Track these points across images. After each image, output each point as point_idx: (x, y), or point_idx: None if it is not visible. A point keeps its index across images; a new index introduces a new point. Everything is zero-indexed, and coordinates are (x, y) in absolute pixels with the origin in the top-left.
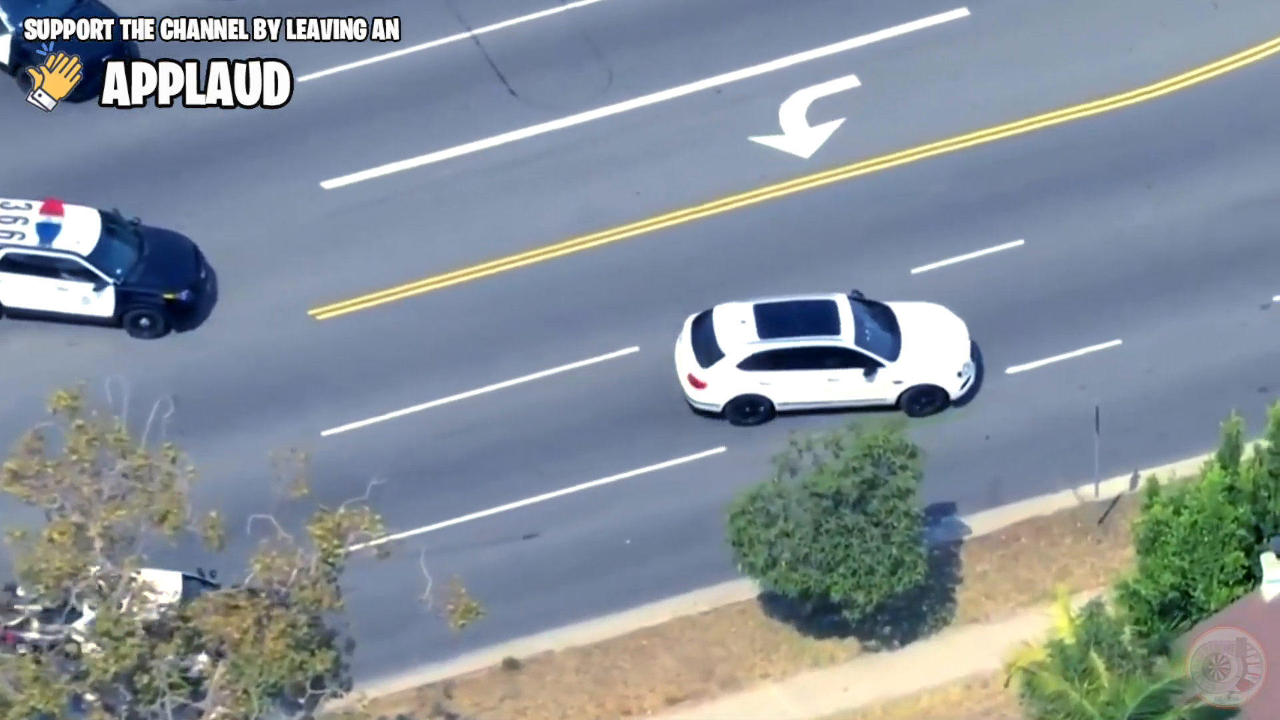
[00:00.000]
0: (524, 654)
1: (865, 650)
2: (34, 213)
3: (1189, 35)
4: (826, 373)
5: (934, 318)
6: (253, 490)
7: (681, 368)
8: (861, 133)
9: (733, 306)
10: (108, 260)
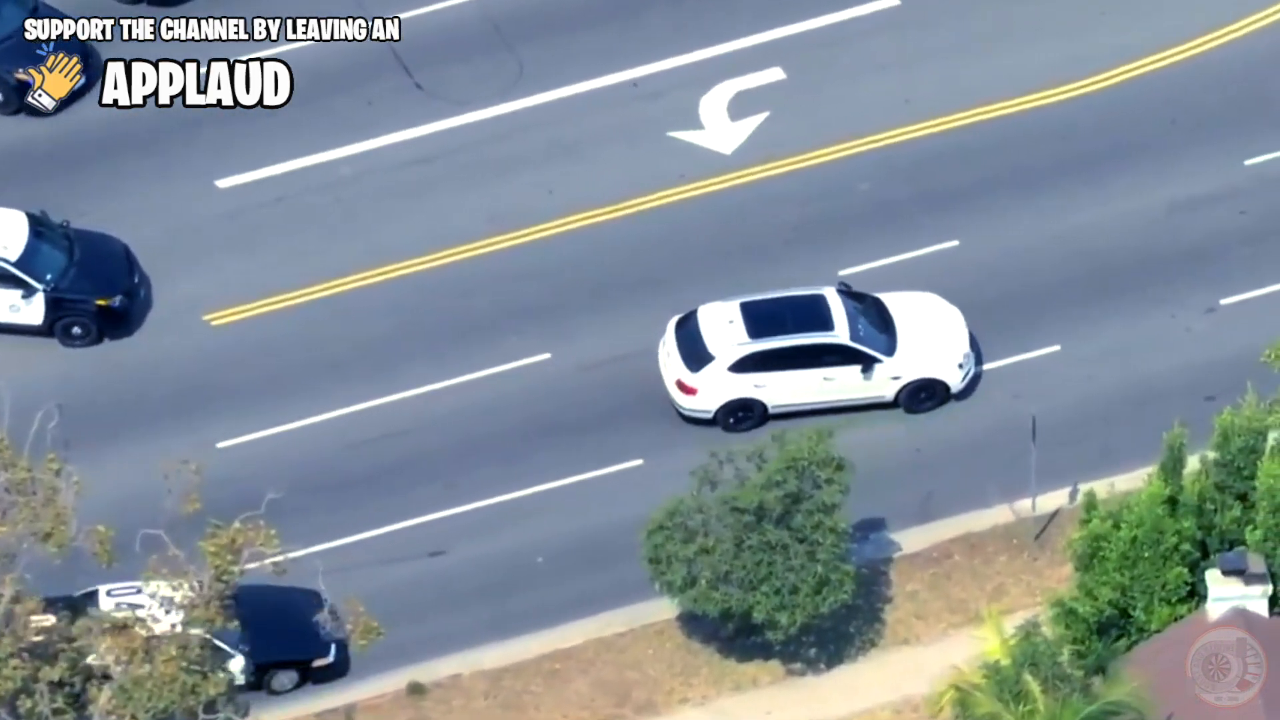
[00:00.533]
0: (430, 678)
1: (789, 674)
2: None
3: (1130, 26)
4: (822, 371)
5: (928, 307)
6: (143, 505)
7: (668, 374)
8: (787, 128)
9: (718, 305)
10: (36, 266)
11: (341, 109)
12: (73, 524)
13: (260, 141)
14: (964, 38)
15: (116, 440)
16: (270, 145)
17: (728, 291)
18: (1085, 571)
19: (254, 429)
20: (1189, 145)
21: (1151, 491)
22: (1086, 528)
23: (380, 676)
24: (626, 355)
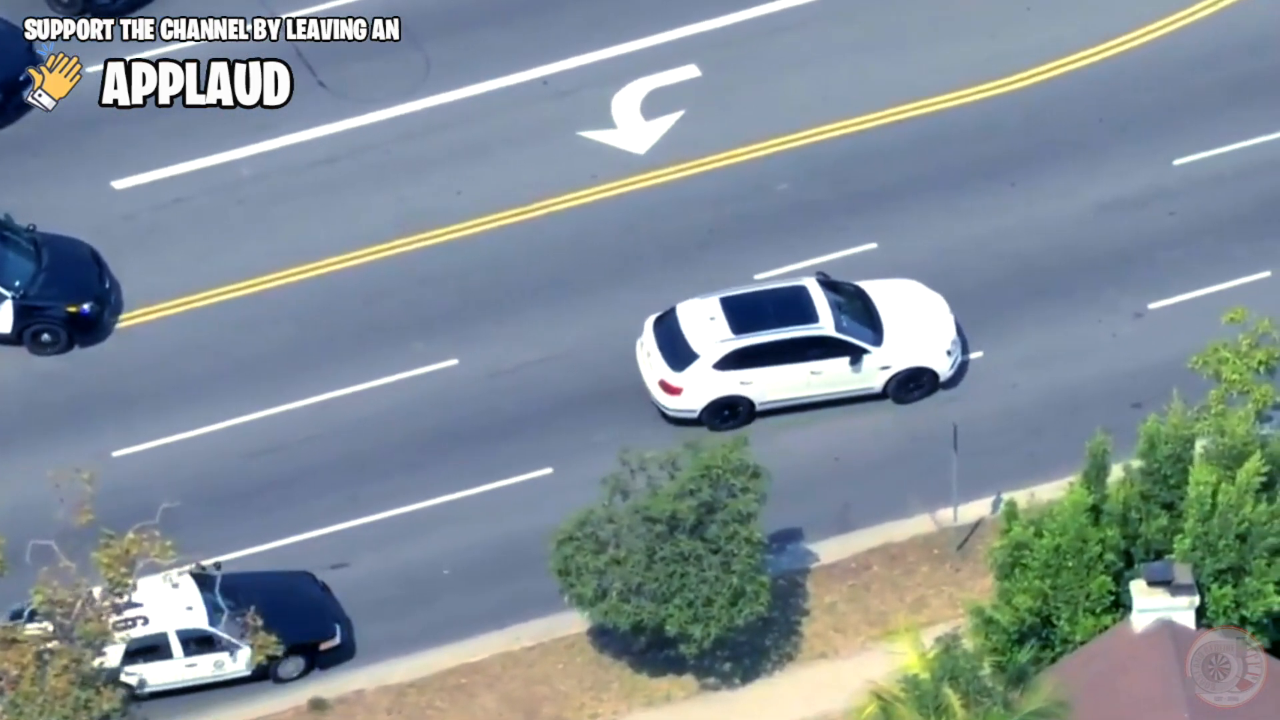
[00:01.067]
0: (332, 693)
1: (704, 688)
2: None
3: (1055, 23)
4: (809, 365)
5: (911, 295)
6: (34, 515)
7: (649, 374)
8: (702, 127)
9: (697, 302)
10: (4, 273)
11: (242, 107)
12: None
13: (158, 141)
14: (884, 34)
15: (8, 449)
16: (168, 145)
17: (641, 295)
18: (1006, 580)
19: (152, 437)
20: (1116, 145)
21: (1074, 499)
22: (1007, 536)
23: (282, 692)
24: (537, 361)
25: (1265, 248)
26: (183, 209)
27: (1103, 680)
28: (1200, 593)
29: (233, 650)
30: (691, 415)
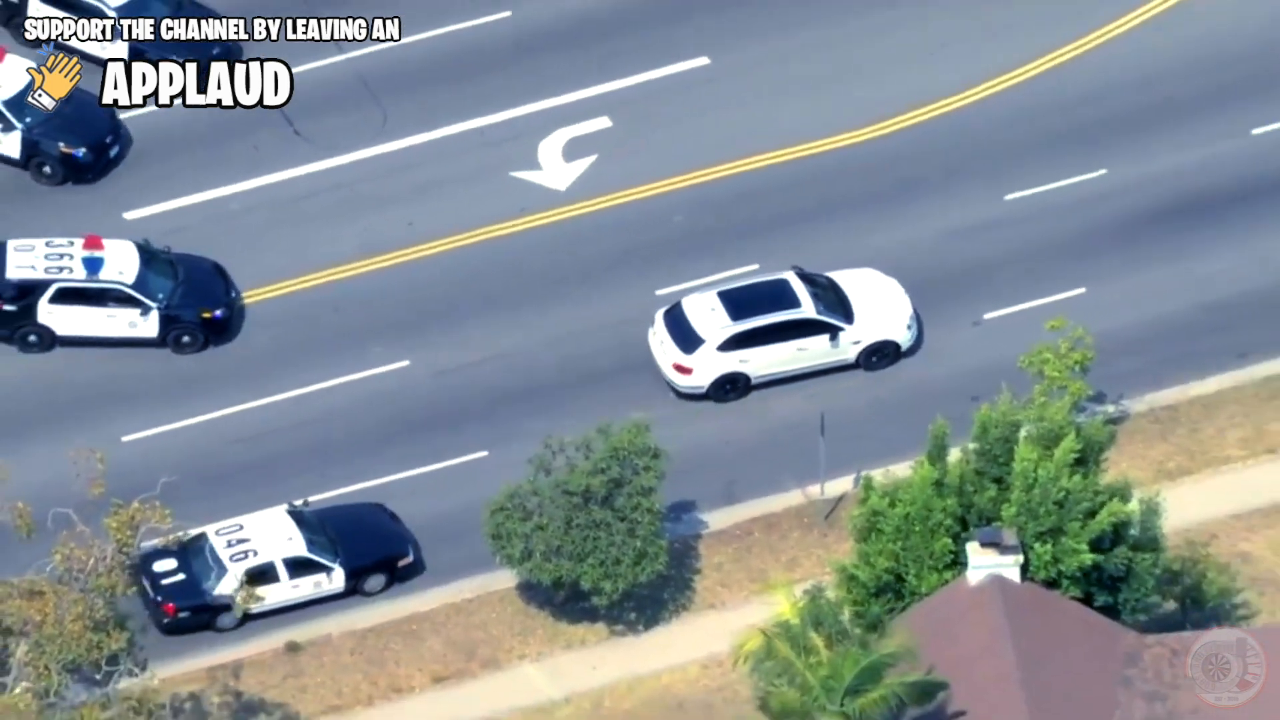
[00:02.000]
0: (305, 637)
1: (613, 634)
2: (77, 248)
3: (917, 76)
4: (795, 343)
5: (871, 280)
6: (54, 491)
7: (664, 358)
8: (612, 168)
9: (698, 296)
10: (150, 287)
11: (232, 152)
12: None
13: (162, 179)
14: (764, 91)
15: (34, 435)
16: (171, 183)
17: (565, 308)
18: (864, 543)
19: (154, 425)
20: (959, 182)
21: (922, 475)
22: (865, 505)
23: (262, 637)
24: (477, 362)
25: (1082, 269)
26: (184, 236)
27: (944, 626)
28: (1024, 551)
29: (328, 571)
30: (700, 391)
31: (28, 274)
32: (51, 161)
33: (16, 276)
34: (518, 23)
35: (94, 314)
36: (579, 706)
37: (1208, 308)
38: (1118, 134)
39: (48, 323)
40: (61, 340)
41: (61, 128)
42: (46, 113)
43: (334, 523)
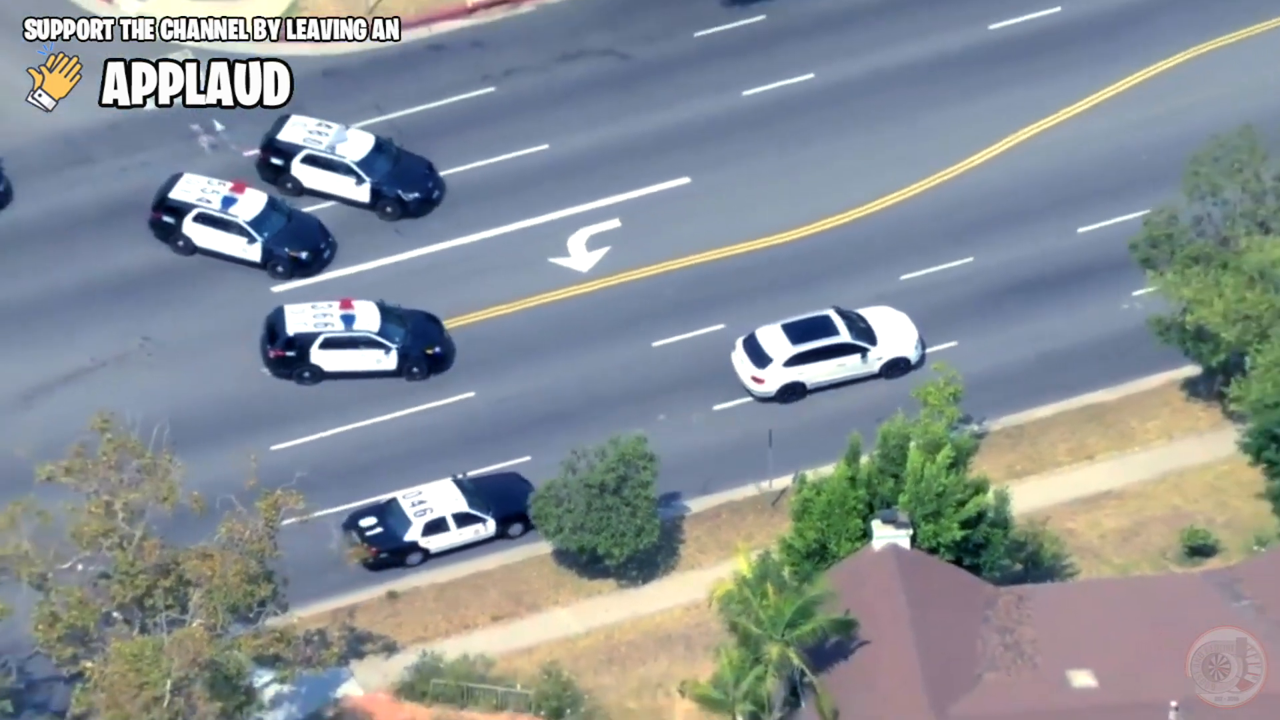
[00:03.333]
0: (401, 589)
1: (620, 586)
2: (335, 308)
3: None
4: (836, 360)
5: (888, 314)
6: (220, 484)
7: (743, 372)
8: (621, 256)
9: (767, 328)
10: (388, 333)
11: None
12: (178, 492)
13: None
14: (735, 202)
15: (204, 441)
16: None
17: (588, 355)
18: (799, 521)
19: (294, 438)
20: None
21: (840, 473)
22: (800, 495)
23: (369, 588)
24: (522, 394)
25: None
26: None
27: (856, 580)
28: (913, 528)
29: (484, 522)
30: (770, 395)
31: (302, 329)
32: (284, 263)
33: (294, 331)
34: (553, 153)
35: (351, 355)
36: (595, 638)
37: (1044, 356)
38: (982, 232)
39: (318, 363)
40: (327, 376)
41: (289, 239)
42: (279, 227)
43: (485, 487)
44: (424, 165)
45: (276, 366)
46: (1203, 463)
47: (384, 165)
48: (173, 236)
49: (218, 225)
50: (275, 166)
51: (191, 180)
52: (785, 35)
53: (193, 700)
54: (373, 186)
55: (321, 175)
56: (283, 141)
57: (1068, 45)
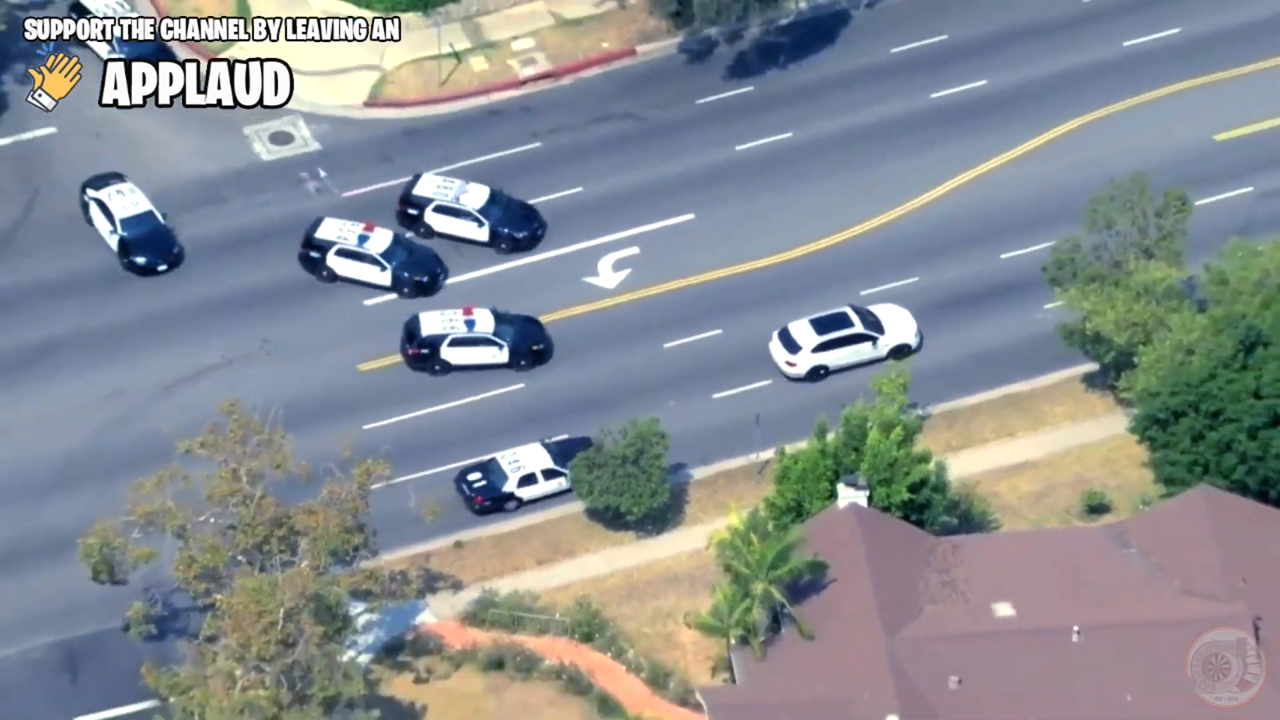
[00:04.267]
0: (466, 538)
1: (639, 537)
2: (459, 315)
3: (804, 228)
4: (853, 347)
5: (893, 309)
6: (323, 454)
7: (779, 358)
8: (641, 276)
9: (797, 323)
10: (502, 334)
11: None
12: (290, 461)
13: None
14: (728, 231)
15: (309, 422)
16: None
17: (615, 357)
18: (779, 484)
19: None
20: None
21: (813, 446)
22: (781, 464)
23: (440, 538)
24: (565, 385)
25: None
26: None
27: (825, 532)
28: (870, 490)
29: (566, 475)
30: (800, 376)
31: (433, 331)
32: (409, 285)
33: (427, 333)
34: (586, 194)
35: (472, 351)
36: (619, 578)
37: (974, 355)
38: (925, 257)
39: (447, 359)
40: (454, 369)
41: (412, 267)
42: (404, 258)
43: (565, 448)
44: (530, 209)
45: (414, 362)
46: (1099, 439)
47: (498, 211)
48: (318, 268)
49: (355, 258)
50: (411, 215)
51: (331, 222)
52: (769, 102)
53: (301, 625)
54: (491, 228)
55: (449, 221)
56: (416, 195)
57: (992, 111)
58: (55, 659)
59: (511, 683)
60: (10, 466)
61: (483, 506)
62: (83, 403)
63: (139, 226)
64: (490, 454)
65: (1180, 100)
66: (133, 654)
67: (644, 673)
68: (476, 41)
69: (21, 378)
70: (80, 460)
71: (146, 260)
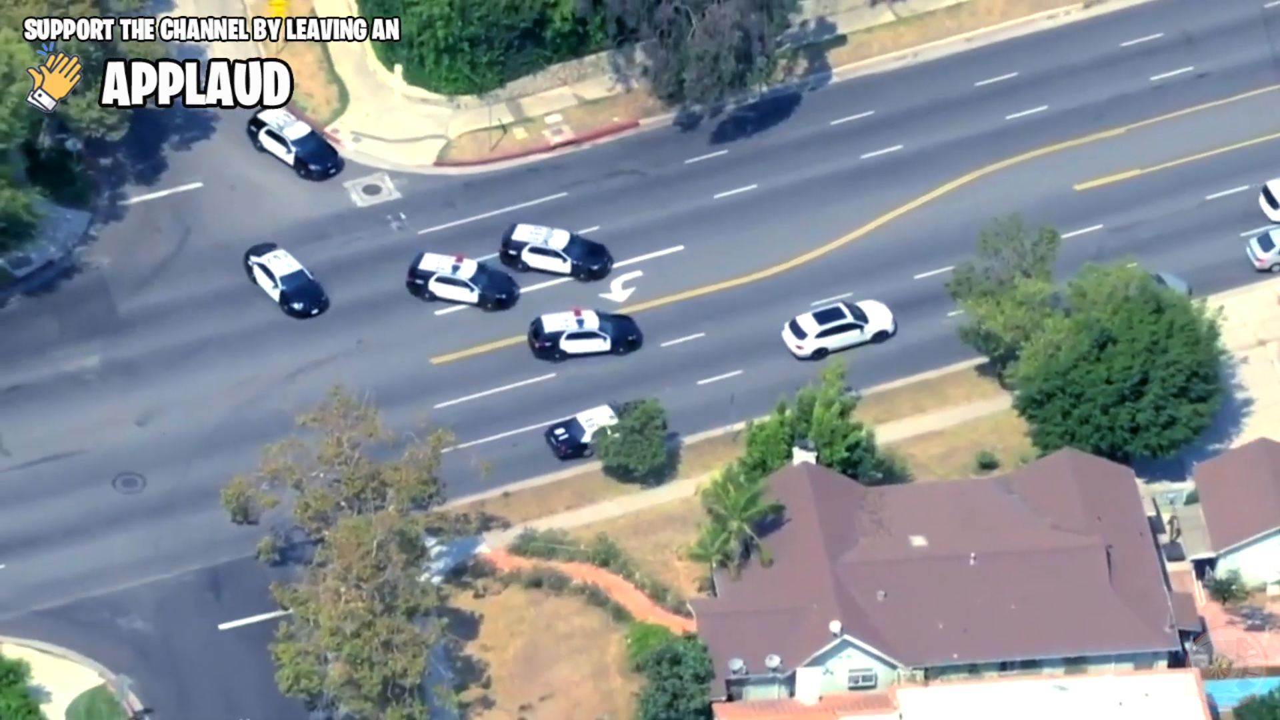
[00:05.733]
0: (513, 489)
1: (643, 488)
2: (571, 315)
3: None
4: (845, 334)
5: (875, 304)
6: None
7: (789, 342)
8: (643, 292)
9: (803, 315)
10: (605, 329)
11: None
12: (380, 429)
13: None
14: (710, 258)
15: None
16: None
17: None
18: (748, 448)
19: (449, 400)
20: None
21: (775, 419)
22: (749, 433)
23: (491, 490)
24: (586, 374)
25: None
26: None
27: (783, 483)
28: (818, 451)
29: None
30: (807, 356)
31: (554, 329)
32: (492, 302)
33: (549, 330)
34: (601, 231)
35: (584, 343)
36: (629, 519)
37: (897, 349)
38: (859, 277)
39: (566, 349)
40: (570, 357)
41: (494, 288)
42: (486, 281)
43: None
44: (600, 247)
45: (539, 354)
46: (990, 414)
47: (578, 249)
48: (422, 293)
49: (450, 283)
50: (511, 256)
51: (430, 256)
52: (740, 161)
53: (389, 554)
54: (573, 263)
55: (541, 258)
56: (515, 240)
57: (907, 167)
58: (203, 581)
59: (547, 597)
60: (169, 436)
61: (565, 454)
62: (223, 388)
63: (294, 282)
64: (571, 415)
65: (1048, 160)
66: (262, 576)
67: (647, 589)
68: (518, 117)
69: (177, 369)
70: (221, 431)
71: (303, 306)
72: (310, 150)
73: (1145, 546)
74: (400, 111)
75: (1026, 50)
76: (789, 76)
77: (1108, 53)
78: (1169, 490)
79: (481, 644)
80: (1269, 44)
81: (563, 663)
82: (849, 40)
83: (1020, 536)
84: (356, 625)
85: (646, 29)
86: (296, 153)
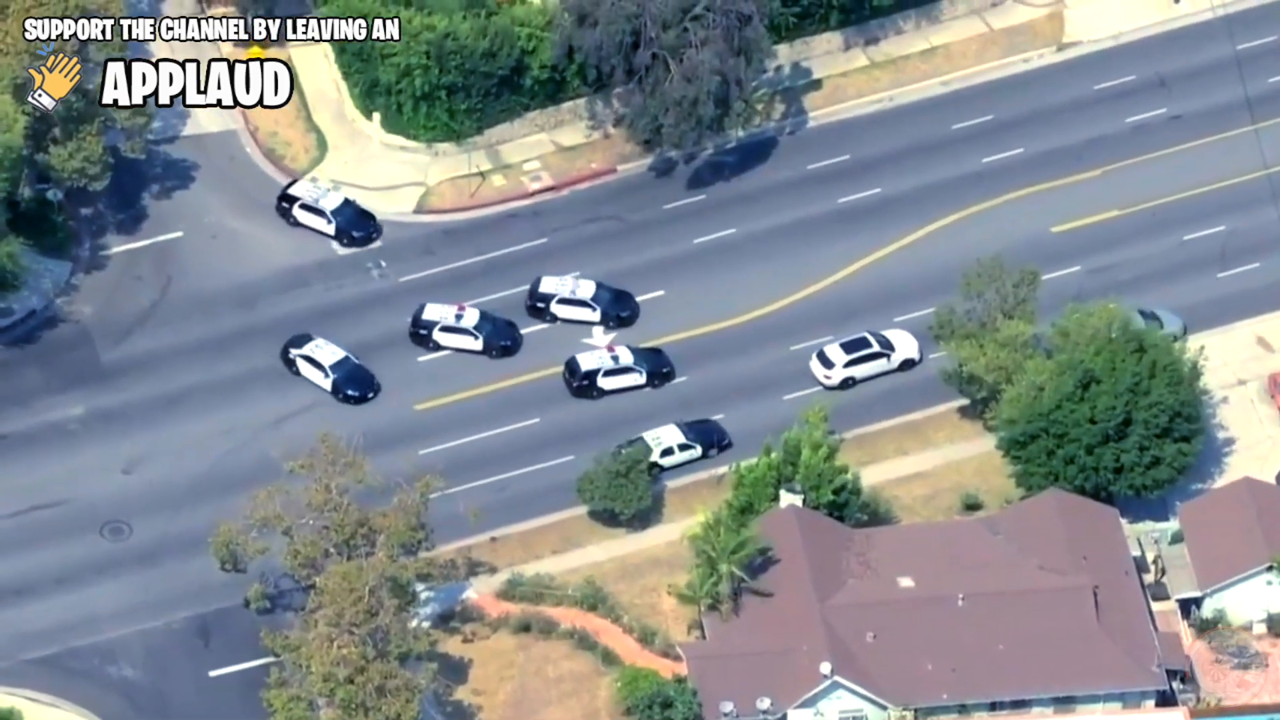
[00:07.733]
0: (500, 535)
1: (628, 532)
2: (605, 352)
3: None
4: (872, 363)
5: (900, 333)
6: (392, 472)
7: (817, 373)
8: (625, 338)
9: (830, 345)
10: (639, 363)
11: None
12: (367, 477)
13: None
14: (690, 301)
15: (381, 447)
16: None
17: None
18: (736, 490)
19: (435, 445)
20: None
21: (763, 462)
22: (736, 475)
23: (479, 536)
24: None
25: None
26: None
27: (771, 525)
28: (805, 494)
29: (695, 448)
30: (835, 386)
31: (590, 367)
32: (497, 349)
33: (586, 369)
34: (581, 277)
35: (619, 379)
36: (615, 563)
37: (880, 392)
38: (839, 319)
39: (602, 386)
40: (606, 394)
41: (497, 336)
42: (490, 329)
43: (694, 428)
44: (626, 294)
45: (576, 393)
46: (973, 455)
47: (606, 297)
48: (426, 342)
49: (455, 332)
50: (539, 308)
51: (433, 306)
52: (718, 206)
53: (380, 599)
54: (601, 312)
55: (570, 309)
56: (541, 292)
57: (885, 211)
58: (192, 628)
59: (536, 642)
60: (155, 484)
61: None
62: (209, 435)
63: (344, 369)
64: (635, 436)
65: (1026, 202)
66: (252, 623)
67: (636, 633)
68: (496, 164)
69: (161, 417)
70: (208, 479)
71: (358, 393)
72: (349, 218)
73: (1131, 586)
74: (379, 159)
75: (1002, 93)
76: (765, 121)
77: (1082, 95)
78: (1153, 530)
79: (472, 689)
80: (1241, 85)
81: (553, 707)
82: (824, 84)
83: (1008, 577)
84: (349, 671)
85: (622, 75)
86: (337, 223)
